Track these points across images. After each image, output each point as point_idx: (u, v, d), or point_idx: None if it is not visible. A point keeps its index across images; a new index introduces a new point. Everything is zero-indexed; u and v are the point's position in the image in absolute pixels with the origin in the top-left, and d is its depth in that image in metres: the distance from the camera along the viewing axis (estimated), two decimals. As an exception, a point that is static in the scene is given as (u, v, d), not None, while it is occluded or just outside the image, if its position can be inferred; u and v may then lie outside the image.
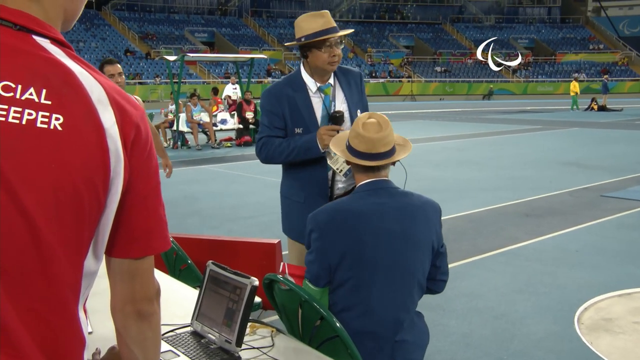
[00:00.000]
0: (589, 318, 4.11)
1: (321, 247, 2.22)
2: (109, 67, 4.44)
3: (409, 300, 2.28)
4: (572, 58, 48.17)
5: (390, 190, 2.31)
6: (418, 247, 2.26)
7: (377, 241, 2.20)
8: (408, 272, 2.25)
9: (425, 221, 2.29)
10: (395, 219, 2.24)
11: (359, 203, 2.26)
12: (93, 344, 1.93)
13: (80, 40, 38.71)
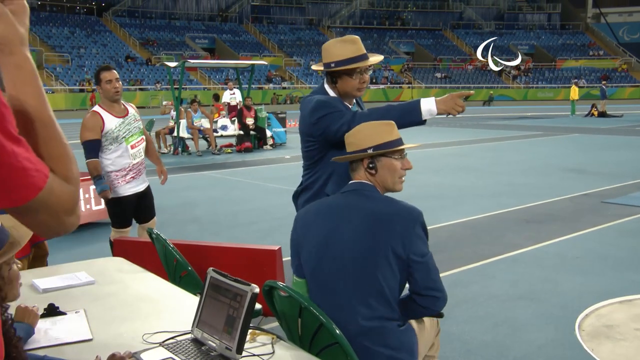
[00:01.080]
0: (590, 325, 4.10)
1: (292, 238, 2.41)
2: (105, 74, 4.48)
3: (364, 306, 2.21)
4: (572, 64, 48.26)
5: (366, 193, 2.33)
6: (374, 253, 2.21)
7: (333, 241, 2.27)
8: (357, 275, 2.22)
9: (387, 230, 2.21)
10: (355, 223, 2.26)
11: (332, 203, 2.38)
12: (93, 351, 1.93)
13: (81, 47, 38.81)
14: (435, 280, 2.32)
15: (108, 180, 4.49)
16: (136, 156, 4.60)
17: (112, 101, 4.51)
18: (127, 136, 4.53)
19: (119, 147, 4.49)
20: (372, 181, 2.36)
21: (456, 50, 51.08)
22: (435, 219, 7.32)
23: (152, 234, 3.26)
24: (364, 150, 2.35)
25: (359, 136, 2.39)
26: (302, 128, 3.04)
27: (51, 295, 2.54)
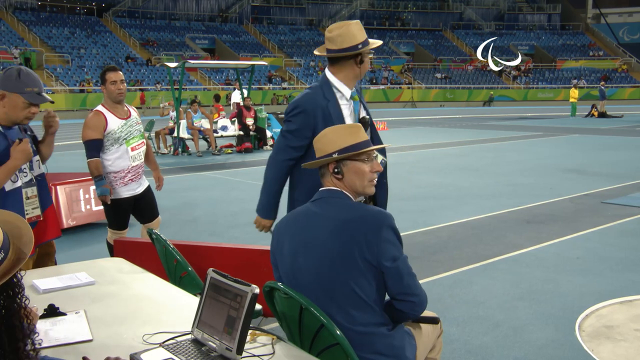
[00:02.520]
0: (590, 325, 4.10)
1: (271, 251, 2.41)
2: (111, 74, 4.46)
3: (343, 317, 2.17)
4: (572, 64, 48.28)
5: (333, 201, 2.28)
6: (343, 261, 2.16)
7: (304, 251, 2.25)
8: (330, 286, 2.18)
9: (353, 236, 2.16)
10: (324, 231, 2.21)
11: (303, 212, 2.35)
12: (93, 352, 1.93)
13: (81, 47, 38.82)
14: (410, 284, 2.21)
15: (107, 181, 4.47)
16: (135, 159, 4.58)
17: (116, 102, 4.50)
18: (128, 138, 4.52)
19: (119, 149, 4.47)
20: (341, 186, 2.29)
21: (456, 50, 51.09)
22: (435, 219, 7.32)
23: (152, 234, 3.25)
24: (329, 155, 2.28)
25: (323, 141, 2.32)
26: None
27: (51, 295, 2.54)
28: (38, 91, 3.13)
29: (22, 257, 1.50)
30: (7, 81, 3.09)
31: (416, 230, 6.77)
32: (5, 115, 3.12)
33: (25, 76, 3.11)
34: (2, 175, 3.05)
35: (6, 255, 1.46)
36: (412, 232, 6.68)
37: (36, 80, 3.16)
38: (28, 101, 3.10)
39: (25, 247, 1.53)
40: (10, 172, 3.09)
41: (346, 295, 2.17)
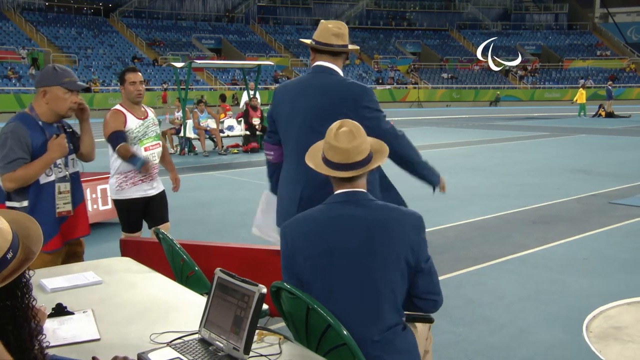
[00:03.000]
0: (597, 326, 4.08)
1: (289, 256, 2.26)
2: (130, 75, 4.48)
3: (377, 316, 2.18)
4: (579, 64, 48.08)
5: (362, 202, 2.23)
6: (384, 263, 2.17)
7: (339, 255, 2.16)
8: (372, 287, 2.17)
9: (394, 236, 2.17)
10: (360, 234, 2.17)
11: (328, 214, 2.23)
12: (101, 351, 1.94)
13: (88, 47, 38.94)
14: (436, 284, 2.30)
15: (118, 181, 4.44)
16: (148, 159, 4.51)
17: (134, 103, 4.52)
18: (142, 138, 4.50)
19: (135, 149, 4.45)
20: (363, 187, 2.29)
21: (463, 50, 50.98)
22: (442, 220, 7.30)
23: (159, 234, 3.26)
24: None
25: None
26: (328, 106, 3.08)
27: (59, 295, 2.55)
28: (75, 80, 3.28)
29: (30, 256, 1.51)
30: (45, 77, 3.25)
31: (423, 230, 6.76)
32: (48, 111, 3.25)
33: (61, 69, 3.28)
34: (38, 166, 3.18)
35: (15, 254, 1.46)
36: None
37: (71, 72, 3.33)
38: (67, 89, 3.23)
39: (35, 246, 1.53)
40: (46, 164, 3.22)
41: (384, 298, 2.18)
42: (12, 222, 1.52)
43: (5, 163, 3.14)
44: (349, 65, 45.16)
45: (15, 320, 1.50)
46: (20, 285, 1.51)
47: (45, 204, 3.28)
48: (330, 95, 3.11)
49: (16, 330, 1.50)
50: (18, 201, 3.25)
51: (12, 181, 3.15)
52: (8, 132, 3.16)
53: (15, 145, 3.13)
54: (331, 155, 2.23)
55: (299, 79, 3.36)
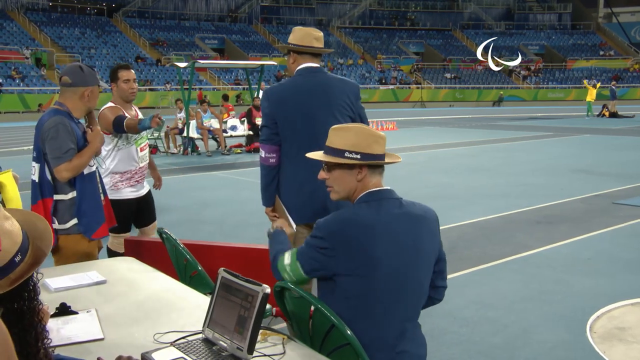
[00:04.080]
0: (601, 327, 4.07)
1: (329, 254, 2.14)
2: (123, 72, 4.37)
3: (415, 310, 2.26)
4: (583, 64, 47.99)
5: (396, 200, 2.24)
6: (426, 258, 2.24)
7: (390, 253, 2.14)
8: (417, 283, 2.22)
9: (429, 231, 2.25)
10: (405, 231, 2.18)
11: (372, 214, 2.17)
12: (105, 351, 1.94)
13: (91, 47, 39.00)
14: (446, 271, 2.42)
15: (113, 180, 4.38)
16: (143, 160, 4.53)
17: (126, 101, 4.42)
18: (137, 138, 4.47)
19: (129, 149, 4.42)
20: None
21: (466, 50, 50.92)
22: (445, 219, 7.29)
23: (163, 233, 3.26)
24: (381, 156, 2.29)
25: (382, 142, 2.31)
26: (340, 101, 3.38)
27: (62, 294, 2.55)
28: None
29: (40, 258, 1.50)
30: (88, 78, 3.40)
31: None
32: (83, 107, 3.42)
33: (93, 69, 3.50)
34: (88, 155, 3.35)
35: (23, 257, 1.46)
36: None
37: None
38: (100, 88, 3.47)
39: (46, 247, 1.53)
40: (93, 153, 3.39)
41: (425, 291, 2.28)
42: (22, 222, 1.51)
43: (61, 153, 3.25)
44: (352, 65, 45.15)
45: (22, 323, 1.49)
46: (28, 288, 1.51)
47: (93, 193, 3.42)
48: (335, 91, 3.38)
49: (22, 333, 1.50)
50: (66, 193, 3.34)
51: (68, 170, 3.27)
52: (58, 124, 3.27)
53: (66, 137, 3.28)
54: (377, 148, 2.24)
55: (294, 80, 3.47)
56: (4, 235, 1.41)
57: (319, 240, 2.17)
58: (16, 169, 3.82)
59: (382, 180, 2.28)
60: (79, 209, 3.34)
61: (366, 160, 2.22)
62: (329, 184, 2.31)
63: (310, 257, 2.19)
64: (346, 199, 2.30)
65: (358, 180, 2.24)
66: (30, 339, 1.51)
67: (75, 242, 3.35)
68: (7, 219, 1.44)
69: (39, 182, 3.34)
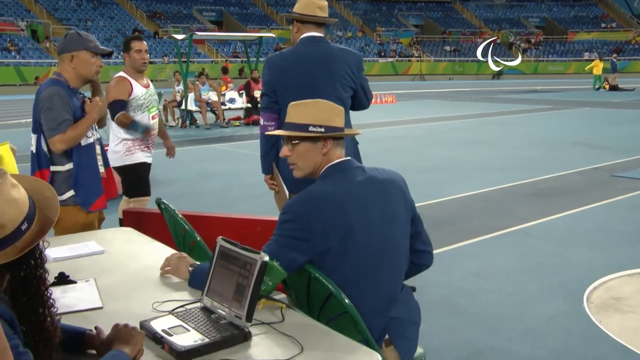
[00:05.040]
0: (598, 297, 4.10)
1: (303, 237, 2.10)
2: (136, 43, 4.50)
3: (398, 274, 2.27)
4: (584, 37, 47.61)
5: (359, 168, 2.26)
6: (398, 219, 2.24)
7: (363, 221, 2.14)
8: (394, 245, 2.23)
9: (397, 192, 2.26)
10: (373, 196, 2.19)
11: (338, 186, 2.17)
12: (103, 319, 1.94)
13: (88, 19, 38.60)
14: (425, 232, 2.40)
15: (126, 146, 4.50)
16: (154, 127, 4.65)
17: (138, 71, 4.55)
18: (149, 106, 4.58)
19: (142, 116, 4.54)
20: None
21: (466, 23, 50.48)
22: (443, 192, 7.30)
23: (161, 204, 3.25)
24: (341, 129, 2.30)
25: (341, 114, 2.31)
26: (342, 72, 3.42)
27: (61, 264, 2.55)
28: (98, 45, 3.37)
29: (47, 226, 1.50)
30: (71, 42, 3.30)
31: (424, 202, 6.75)
32: (75, 76, 3.32)
33: (85, 34, 3.36)
34: (84, 127, 3.29)
35: (30, 225, 1.46)
36: (420, 204, 6.65)
37: (93, 37, 3.41)
38: (93, 52, 3.31)
39: (53, 215, 1.53)
40: (90, 124, 3.33)
41: (406, 256, 2.29)
42: (30, 190, 1.51)
43: (55, 124, 3.21)
44: (350, 38, 44.76)
45: (28, 291, 1.50)
46: (35, 256, 1.51)
47: (91, 164, 3.40)
48: (337, 61, 3.40)
49: (29, 301, 1.50)
50: (62, 164, 3.32)
51: (62, 142, 3.23)
52: (53, 95, 3.22)
53: (61, 107, 3.22)
54: (338, 121, 2.26)
55: (296, 49, 3.48)
56: (11, 204, 1.41)
57: (290, 224, 2.12)
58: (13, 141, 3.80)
59: (344, 153, 2.27)
60: (76, 180, 3.33)
61: (330, 132, 2.22)
62: (292, 161, 2.27)
63: (285, 247, 2.11)
64: (310, 176, 2.28)
65: (323, 154, 2.23)
66: (37, 306, 1.51)
67: (73, 213, 3.34)
68: (14, 187, 1.44)
69: (36, 153, 3.33)
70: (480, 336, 3.55)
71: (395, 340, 2.21)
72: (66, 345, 1.67)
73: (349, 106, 3.51)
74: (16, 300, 1.49)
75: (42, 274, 1.53)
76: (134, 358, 1.64)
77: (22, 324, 1.47)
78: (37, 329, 1.51)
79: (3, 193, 1.40)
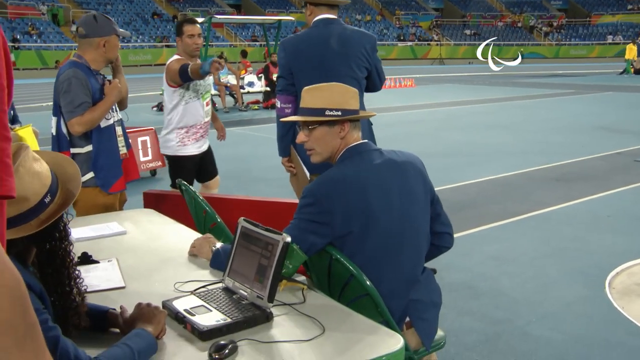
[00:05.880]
0: (620, 283, 4.05)
1: (324, 220, 2.09)
2: (188, 27, 4.31)
3: (419, 255, 2.26)
4: (608, 19, 46.68)
5: (376, 151, 2.25)
6: (418, 201, 2.23)
7: (383, 203, 2.14)
8: (414, 227, 2.22)
9: (415, 174, 2.25)
10: (391, 178, 2.19)
11: (357, 168, 2.17)
12: (126, 298, 1.96)
13: (107, 3, 38.69)
14: (445, 214, 2.39)
15: (179, 137, 4.37)
16: (207, 114, 4.54)
17: (191, 56, 4.36)
18: (203, 93, 4.44)
19: (196, 102, 4.39)
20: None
21: (486, 6, 49.79)
22: (463, 176, 7.25)
23: (182, 185, 3.27)
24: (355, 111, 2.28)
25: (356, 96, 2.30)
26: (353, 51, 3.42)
27: (84, 244, 2.58)
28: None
29: (69, 199, 1.52)
30: (103, 28, 3.33)
31: (444, 186, 6.71)
32: (100, 59, 3.37)
33: (108, 18, 3.41)
34: (102, 109, 3.31)
35: (53, 198, 1.48)
36: (440, 188, 6.63)
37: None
38: (120, 37, 3.40)
39: (75, 188, 1.55)
40: (108, 107, 3.35)
41: (427, 228, 2.29)
42: (52, 164, 1.54)
43: (73, 107, 3.23)
44: (370, 21, 44.42)
45: (54, 263, 1.52)
46: (59, 229, 1.53)
47: (110, 146, 3.42)
48: (352, 42, 3.40)
49: (55, 273, 1.52)
50: (82, 146, 3.35)
51: (80, 125, 3.25)
52: (71, 78, 3.24)
53: (79, 90, 3.23)
54: (353, 103, 2.25)
55: (310, 32, 3.50)
56: (34, 176, 1.43)
57: (310, 208, 2.12)
58: (35, 125, 3.83)
59: (360, 136, 2.27)
60: (96, 162, 3.35)
61: (347, 115, 2.20)
62: (309, 146, 2.26)
63: (305, 231, 2.09)
64: (328, 160, 2.27)
65: (341, 137, 2.22)
66: (63, 279, 1.54)
67: (94, 195, 3.36)
68: (36, 161, 1.46)
69: (56, 135, 3.35)
70: (500, 319, 3.54)
71: (415, 323, 2.20)
72: (89, 323, 1.68)
73: (364, 87, 3.50)
74: (43, 273, 1.52)
75: (66, 246, 1.56)
76: (156, 337, 1.65)
77: (50, 296, 1.49)
78: (64, 300, 1.54)
79: (25, 166, 1.41)
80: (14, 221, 1.41)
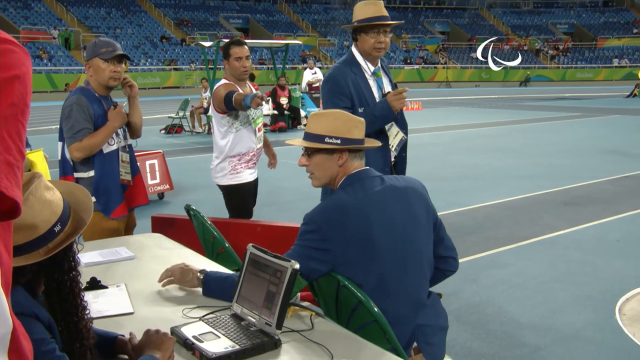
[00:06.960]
0: (631, 309, 4.02)
1: (324, 247, 2.10)
2: (236, 49, 4.07)
3: (424, 280, 2.26)
4: (614, 43, 46.83)
5: (377, 177, 2.25)
6: (420, 225, 2.24)
7: (385, 229, 2.14)
8: (417, 251, 2.22)
9: (417, 199, 2.26)
10: (393, 204, 2.19)
11: (357, 195, 2.17)
12: (134, 324, 1.96)
13: (117, 27, 39.19)
14: (449, 238, 2.40)
15: (232, 165, 4.13)
16: (260, 140, 4.28)
17: (239, 80, 4.13)
18: (255, 118, 4.21)
19: (248, 128, 4.15)
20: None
21: (492, 29, 50.07)
22: (471, 200, 7.24)
23: (190, 210, 3.28)
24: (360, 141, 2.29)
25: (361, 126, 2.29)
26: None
27: (93, 269, 2.59)
28: (112, 50, 3.34)
29: (79, 227, 1.53)
30: (88, 51, 3.39)
31: (451, 210, 6.71)
32: (96, 83, 3.38)
33: (101, 41, 3.39)
34: (102, 135, 3.33)
35: (63, 227, 1.49)
36: (447, 212, 6.62)
37: (111, 43, 3.40)
38: (103, 59, 3.33)
39: (87, 217, 1.56)
40: (109, 133, 3.36)
41: (430, 253, 2.29)
42: (65, 193, 1.55)
43: (72, 133, 3.27)
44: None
45: (62, 293, 1.52)
46: (69, 259, 1.54)
47: (111, 172, 3.43)
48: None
49: (63, 303, 1.53)
50: (84, 171, 3.38)
51: (79, 150, 3.28)
52: (72, 104, 3.29)
53: (80, 116, 3.26)
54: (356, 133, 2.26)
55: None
56: (44, 205, 1.44)
57: (311, 235, 2.13)
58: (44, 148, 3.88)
59: (363, 164, 2.28)
60: (97, 187, 3.36)
61: (347, 144, 2.21)
62: (309, 170, 2.28)
63: (306, 258, 2.09)
64: (328, 185, 2.30)
65: (339, 165, 2.23)
66: (70, 309, 1.54)
67: (97, 220, 3.37)
68: (48, 190, 1.47)
69: (61, 159, 3.41)
70: (508, 345, 3.51)
71: (423, 347, 2.20)
72: (98, 349, 1.69)
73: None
74: (51, 302, 1.52)
75: (75, 277, 1.56)
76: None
77: (57, 325, 1.50)
78: (71, 331, 1.54)
79: (36, 195, 1.43)
80: (23, 249, 1.42)
